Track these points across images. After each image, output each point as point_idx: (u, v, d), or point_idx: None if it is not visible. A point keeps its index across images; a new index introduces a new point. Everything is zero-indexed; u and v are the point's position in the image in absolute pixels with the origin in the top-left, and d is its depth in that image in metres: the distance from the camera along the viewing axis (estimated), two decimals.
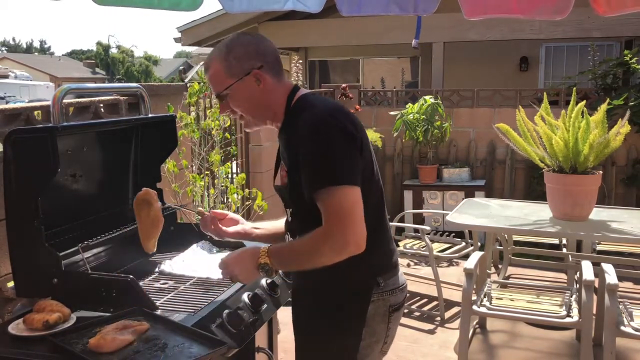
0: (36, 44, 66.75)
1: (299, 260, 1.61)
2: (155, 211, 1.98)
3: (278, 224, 1.97)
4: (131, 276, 1.76)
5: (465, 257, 3.73)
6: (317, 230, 1.53)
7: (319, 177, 1.52)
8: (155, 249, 2.04)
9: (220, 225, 1.97)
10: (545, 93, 4.20)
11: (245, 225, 2.00)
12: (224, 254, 1.84)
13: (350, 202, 1.51)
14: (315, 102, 1.66)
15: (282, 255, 1.63)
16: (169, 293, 1.91)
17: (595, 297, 3.31)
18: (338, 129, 1.55)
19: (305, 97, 1.70)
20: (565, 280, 4.67)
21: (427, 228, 4.43)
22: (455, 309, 4.24)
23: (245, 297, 1.86)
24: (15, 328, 1.65)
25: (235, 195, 3.64)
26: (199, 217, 2.01)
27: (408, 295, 1.86)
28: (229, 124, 3.75)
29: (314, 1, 2.43)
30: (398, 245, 4.58)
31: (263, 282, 2.01)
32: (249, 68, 1.64)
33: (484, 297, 3.34)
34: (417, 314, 4.21)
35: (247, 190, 3.81)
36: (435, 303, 4.32)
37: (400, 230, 4.96)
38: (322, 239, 1.52)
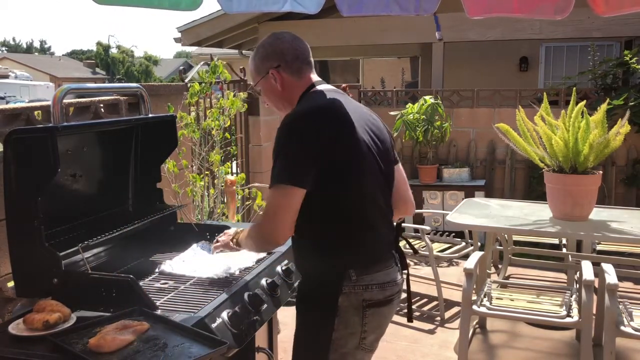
0: (36, 44, 66.83)
1: (244, 242, 1.88)
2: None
3: None
4: (131, 276, 1.76)
5: (465, 257, 3.73)
6: (257, 218, 1.75)
7: (271, 173, 1.68)
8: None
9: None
10: (545, 93, 4.20)
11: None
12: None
13: (279, 200, 1.65)
14: (306, 101, 1.81)
15: (244, 235, 1.88)
16: (169, 293, 1.91)
17: (595, 297, 3.31)
18: (290, 129, 1.69)
19: (308, 95, 1.83)
20: (565, 280, 4.67)
21: (427, 228, 4.43)
22: (455, 309, 4.24)
23: (245, 297, 1.87)
24: (15, 328, 1.65)
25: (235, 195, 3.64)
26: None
27: (398, 291, 1.87)
28: (229, 123, 3.75)
29: (312, 2, 2.42)
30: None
31: (263, 282, 2.01)
32: (268, 67, 1.84)
33: (484, 297, 3.34)
34: (417, 314, 4.21)
35: (247, 190, 3.81)
36: (435, 303, 4.32)
37: (400, 230, 4.95)
38: (253, 227, 1.82)
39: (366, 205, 1.75)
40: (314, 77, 1.88)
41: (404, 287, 2.04)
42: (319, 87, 1.85)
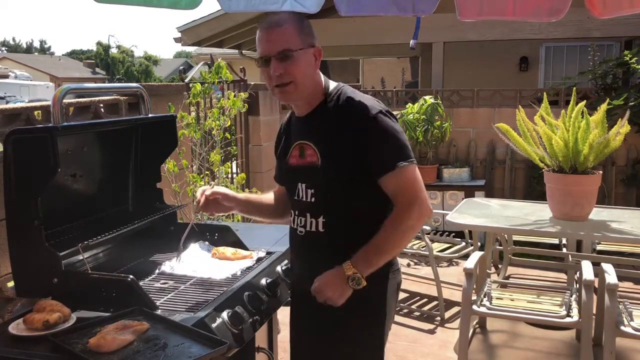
0: (36, 44, 66.85)
1: (386, 251, 1.67)
2: None
3: (262, 197, 2.12)
4: (131, 276, 1.76)
5: (465, 257, 3.73)
6: (394, 210, 1.65)
7: (400, 153, 1.65)
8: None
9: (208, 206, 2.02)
10: (545, 93, 4.20)
11: (229, 195, 2.03)
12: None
13: (419, 177, 1.68)
14: (358, 92, 1.77)
15: (368, 257, 1.65)
16: (169, 293, 1.91)
17: (595, 297, 3.31)
18: (391, 115, 1.71)
19: (341, 86, 1.81)
20: (565, 280, 4.67)
21: (427, 228, 4.42)
22: (455, 309, 4.24)
23: (245, 297, 1.86)
24: (16, 328, 1.64)
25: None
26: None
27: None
28: (229, 124, 3.75)
29: (311, 2, 2.42)
30: None
31: (263, 281, 2.01)
32: (313, 42, 1.74)
33: (484, 297, 3.34)
34: (417, 314, 4.21)
35: (247, 190, 3.81)
36: (435, 303, 4.32)
37: None
38: (410, 210, 1.64)
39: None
40: None
41: None
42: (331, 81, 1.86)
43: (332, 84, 1.82)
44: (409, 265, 5.26)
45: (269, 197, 2.09)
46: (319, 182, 1.75)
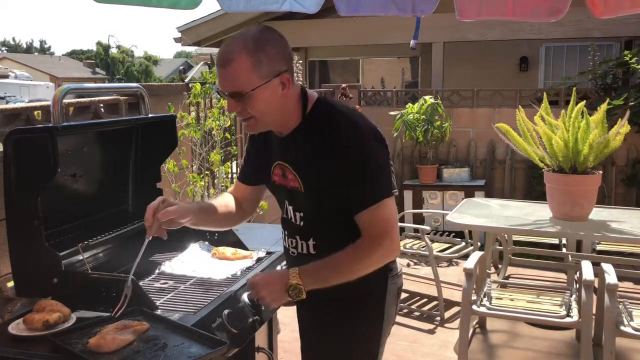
0: (36, 44, 66.81)
1: (340, 274, 1.59)
2: None
3: (205, 205, 1.85)
4: (131, 276, 1.76)
5: (465, 257, 3.73)
6: (360, 242, 1.58)
7: (371, 191, 1.57)
8: None
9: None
10: (545, 93, 4.20)
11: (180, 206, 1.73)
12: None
13: (393, 213, 1.61)
14: (340, 108, 1.65)
15: (318, 273, 1.60)
16: (169, 293, 1.91)
17: (595, 297, 3.31)
18: (378, 139, 1.60)
19: (325, 102, 1.66)
20: (565, 280, 4.67)
21: (427, 228, 4.43)
22: (455, 309, 4.24)
23: (245, 297, 1.86)
24: (15, 328, 1.65)
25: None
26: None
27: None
28: (229, 124, 3.75)
29: (311, 2, 2.43)
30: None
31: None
32: (278, 70, 1.53)
33: (484, 297, 3.34)
34: (417, 314, 4.21)
35: None
36: (435, 303, 4.32)
37: (400, 230, 4.95)
38: (372, 248, 1.58)
39: None
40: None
41: None
42: (314, 94, 1.68)
43: (314, 101, 1.64)
44: (409, 265, 5.26)
45: (222, 203, 1.87)
46: (305, 208, 1.68)
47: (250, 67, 1.49)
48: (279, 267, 2.15)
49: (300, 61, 9.38)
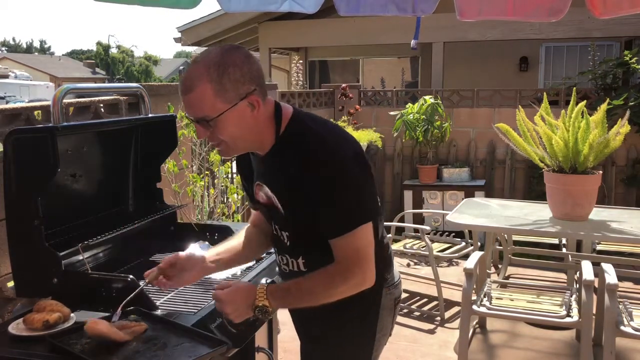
0: (36, 44, 66.77)
1: (307, 299, 1.56)
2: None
3: (231, 245, 1.84)
4: (131, 276, 1.76)
5: (465, 257, 3.73)
6: (332, 268, 1.51)
7: (342, 218, 1.49)
8: None
9: (169, 281, 1.71)
10: (545, 93, 4.20)
11: (197, 267, 1.73)
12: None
13: (368, 240, 1.52)
14: (315, 126, 1.55)
15: (286, 296, 1.56)
16: (169, 293, 1.91)
17: (595, 297, 3.31)
18: (355, 160, 1.51)
19: (299, 120, 1.57)
20: (565, 280, 4.67)
21: (427, 228, 4.43)
22: (455, 309, 4.24)
23: None
24: (15, 328, 1.65)
25: (235, 195, 3.64)
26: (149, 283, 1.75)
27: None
28: None
29: (310, 2, 2.43)
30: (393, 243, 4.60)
31: (263, 281, 2.01)
32: (245, 92, 1.45)
33: (484, 297, 3.34)
34: (417, 314, 4.21)
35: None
36: (435, 303, 4.32)
37: (400, 230, 4.96)
38: (340, 277, 1.51)
39: (380, 209, 1.72)
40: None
41: None
42: (288, 109, 1.59)
43: (288, 118, 1.56)
44: (409, 265, 5.26)
45: (238, 244, 1.83)
46: (289, 229, 1.63)
47: (213, 93, 1.43)
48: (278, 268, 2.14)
49: (301, 61, 9.39)
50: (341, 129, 1.63)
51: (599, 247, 4.52)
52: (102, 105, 2.83)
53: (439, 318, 4.11)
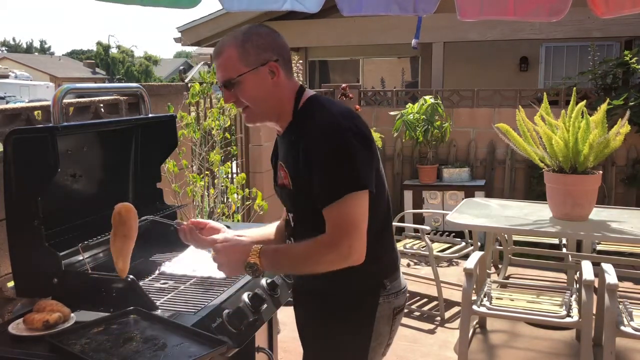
0: (36, 44, 66.77)
1: (295, 265, 1.60)
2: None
3: (266, 231, 1.92)
4: (131, 276, 1.76)
5: (465, 257, 3.73)
6: (321, 238, 1.52)
7: (336, 184, 1.50)
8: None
9: (199, 235, 1.85)
10: (545, 93, 4.20)
11: (227, 234, 1.86)
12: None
13: (359, 212, 1.50)
14: (327, 104, 1.63)
15: (276, 258, 1.60)
16: (169, 293, 1.91)
17: (595, 297, 3.31)
18: (354, 132, 1.54)
19: (316, 99, 1.66)
20: (565, 280, 4.67)
21: (427, 228, 4.43)
22: (455, 309, 4.24)
23: (245, 297, 1.86)
24: (15, 328, 1.65)
25: (235, 195, 3.64)
26: (176, 227, 1.90)
27: (408, 295, 1.83)
28: (229, 124, 3.75)
29: (312, 1, 2.43)
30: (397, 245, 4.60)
31: (263, 281, 2.01)
32: (266, 59, 1.59)
33: (484, 297, 3.34)
34: (417, 314, 4.21)
35: (247, 190, 3.81)
36: (435, 303, 4.32)
37: (400, 230, 4.96)
38: (326, 248, 1.51)
39: (387, 208, 1.70)
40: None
41: None
42: (311, 92, 1.69)
43: (306, 97, 1.66)
44: (409, 265, 5.26)
45: (270, 232, 1.92)
46: (294, 208, 1.70)
47: (237, 55, 1.58)
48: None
49: (301, 61, 9.38)
50: (354, 114, 1.62)
51: (599, 247, 4.52)
52: (102, 105, 2.83)
53: (439, 318, 4.11)
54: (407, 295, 1.79)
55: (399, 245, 4.60)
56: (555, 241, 4.80)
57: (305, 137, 1.57)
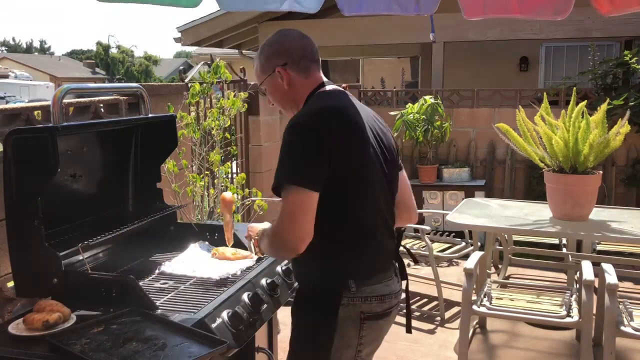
0: (36, 44, 66.73)
1: (266, 248, 1.77)
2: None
3: None
4: (131, 276, 1.76)
5: (465, 257, 3.73)
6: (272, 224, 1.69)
7: (276, 173, 1.61)
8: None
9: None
10: (545, 93, 4.20)
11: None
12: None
13: (294, 204, 1.56)
14: (316, 101, 1.74)
15: (261, 237, 1.81)
16: (169, 293, 1.91)
17: (595, 297, 3.30)
18: (304, 129, 1.62)
19: (317, 95, 1.77)
20: (565, 280, 4.67)
21: (427, 228, 4.43)
22: (455, 309, 4.24)
23: (245, 297, 1.87)
24: (15, 328, 1.65)
25: (235, 195, 3.64)
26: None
27: (391, 306, 1.78)
28: (229, 124, 3.75)
29: (311, 2, 2.43)
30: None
31: (263, 282, 2.01)
32: (274, 65, 1.78)
33: (484, 297, 3.34)
34: (417, 314, 4.21)
35: (247, 190, 3.81)
36: (435, 303, 4.32)
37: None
38: (274, 231, 1.66)
39: (369, 212, 1.69)
40: (322, 76, 1.82)
41: (403, 296, 1.96)
42: (328, 87, 1.79)
43: (323, 89, 1.79)
44: (409, 265, 5.26)
45: None
46: None
47: (260, 65, 1.83)
48: (279, 268, 2.16)
49: None
50: (329, 113, 1.67)
51: (599, 247, 4.51)
52: (102, 105, 2.83)
53: (439, 318, 4.11)
54: (389, 305, 1.75)
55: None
56: (555, 241, 4.79)
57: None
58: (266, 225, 1.86)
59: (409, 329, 1.99)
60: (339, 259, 1.66)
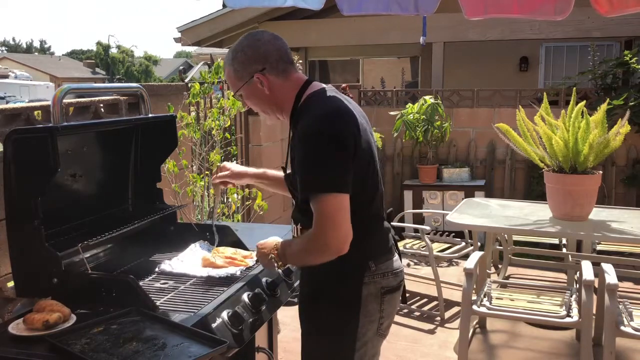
0: (36, 44, 66.79)
1: (295, 257, 1.76)
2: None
3: (263, 171, 2.20)
4: (131, 276, 1.76)
5: (465, 257, 3.73)
6: (307, 233, 1.67)
7: (308, 183, 1.64)
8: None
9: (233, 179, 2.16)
10: (545, 93, 4.20)
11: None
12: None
13: (334, 208, 1.61)
14: (318, 102, 1.72)
15: (284, 252, 1.77)
16: (169, 293, 1.91)
17: (595, 297, 3.31)
18: (329, 136, 1.62)
19: (314, 97, 1.75)
20: (565, 280, 4.67)
21: (427, 228, 4.43)
22: (455, 309, 4.24)
23: (245, 297, 1.87)
24: (15, 328, 1.65)
25: (235, 195, 3.64)
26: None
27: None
28: (229, 124, 3.75)
29: None
30: (401, 239, 4.58)
31: (263, 282, 2.01)
32: (252, 72, 1.74)
33: (484, 297, 3.34)
34: (417, 314, 4.21)
35: (247, 190, 3.81)
36: (435, 303, 4.32)
37: (400, 230, 4.96)
38: (308, 240, 1.67)
39: (377, 199, 1.81)
40: (303, 75, 1.83)
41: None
42: (316, 87, 1.78)
43: (308, 94, 1.76)
44: (409, 265, 5.26)
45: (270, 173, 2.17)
46: (294, 194, 1.85)
47: (232, 73, 1.78)
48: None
49: (300, 61, 9.38)
50: (338, 114, 1.68)
51: (599, 247, 4.51)
52: (102, 105, 2.83)
53: (439, 318, 4.11)
54: (400, 278, 1.86)
55: (400, 245, 4.59)
56: (555, 241, 4.79)
57: (294, 136, 1.73)
58: (277, 239, 1.84)
59: (404, 299, 2.01)
60: (359, 245, 1.70)
